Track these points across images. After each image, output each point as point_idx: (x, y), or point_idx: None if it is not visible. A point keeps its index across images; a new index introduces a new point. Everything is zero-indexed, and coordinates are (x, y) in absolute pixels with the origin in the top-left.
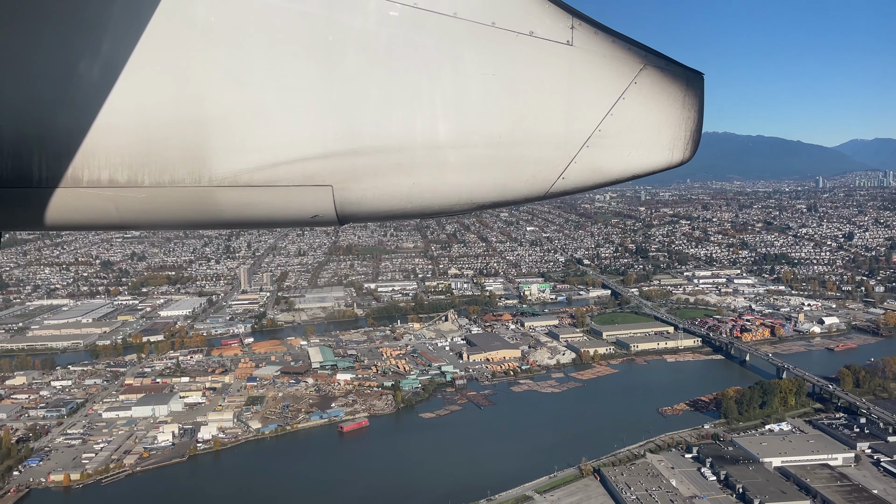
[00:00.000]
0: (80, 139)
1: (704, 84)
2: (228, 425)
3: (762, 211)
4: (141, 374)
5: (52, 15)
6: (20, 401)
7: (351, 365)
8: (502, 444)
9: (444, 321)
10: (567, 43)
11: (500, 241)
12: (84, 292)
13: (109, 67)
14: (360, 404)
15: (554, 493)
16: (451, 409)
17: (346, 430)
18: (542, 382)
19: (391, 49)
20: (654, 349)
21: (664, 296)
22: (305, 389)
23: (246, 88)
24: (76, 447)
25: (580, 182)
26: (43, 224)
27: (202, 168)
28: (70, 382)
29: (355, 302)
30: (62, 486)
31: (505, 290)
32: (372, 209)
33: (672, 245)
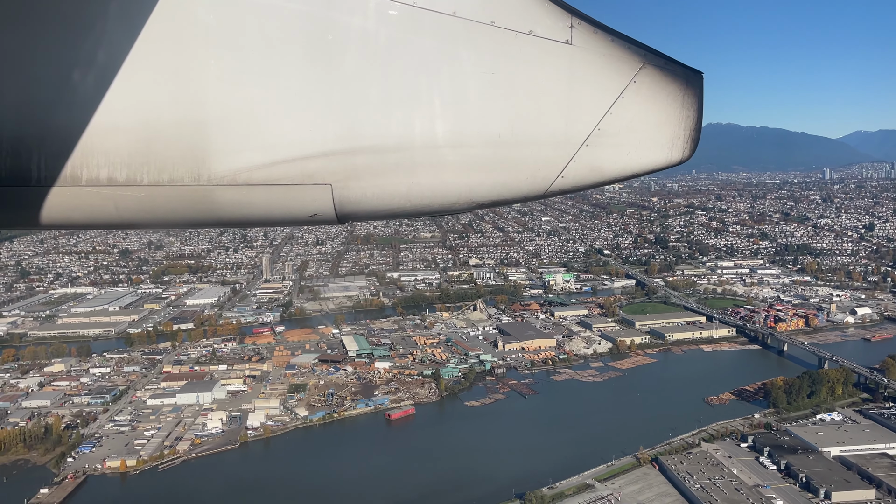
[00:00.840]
0: (79, 138)
1: (703, 83)
2: (275, 413)
3: (776, 202)
4: (177, 361)
5: (51, 15)
6: (62, 388)
7: (387, 353)
8: (552, 433)
9: (472, 310)
10: (566, 42)
11: (516, 231)
12: (106, 280)
13: (108, 67)
14: (404, 392)
15: (614, 481)
16: (495, 397)
17: (394, 418)
18: (581, 372)
19: (390, 48)
20: (689, 339)
21: (689, 286)
22: (346, 377)
23: (245, 87)
24: (126, 434)
25: (580, 181)
26: (42, 223)
27: (201, 167)
28: (108, 370)
29: (380, 291)
30: (118, 473)
31: (528, 279)
32: (371, 208)
33: (691, 235)
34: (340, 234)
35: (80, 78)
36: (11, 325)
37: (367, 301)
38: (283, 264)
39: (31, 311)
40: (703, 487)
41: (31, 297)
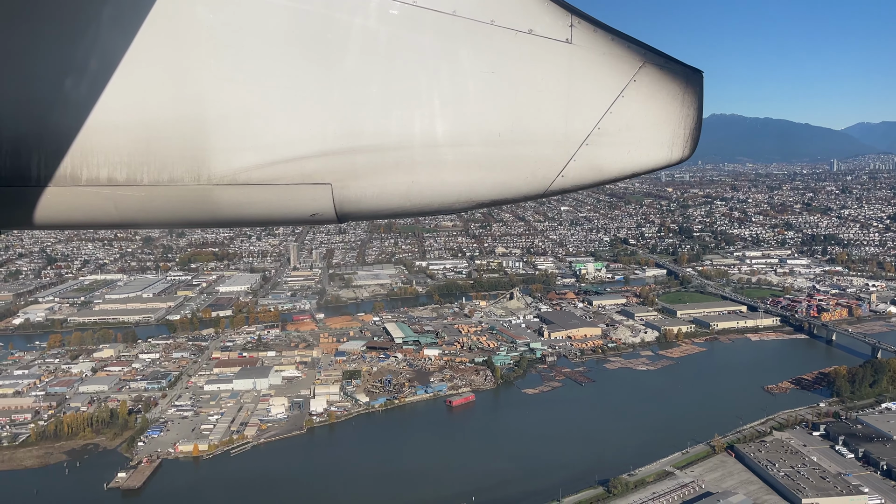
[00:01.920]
0: (79, 138)
1: (703, 82)
2: (335, 398)
3: (793, 192)
4: (224, 347)
5: (51, 14)
6: (115, 373)
7: (434, 341)
8: (617, 421)
9: (509, 299)
10: (566, 41)
11: (537, 220)
12: (134, 268)
13: (108, 66)
14: (460, 379)
15: (693, 468)
16: (552, 385)
17: (455, 405)
18: (632, 360)
19: (390, 47)
20: (734, 328)
21: (721, 275)
22: (397, 364)
23: (244, 87)
24: (190, 419)
25: (579, 180)
26: (42, 223)
27: (201, 166)
28: (157, 355)
29: (412, 280)
30: (191, 457)
31: (558, 269)
32: (371, 207)
33: (714, 225)
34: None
35: (80, 77)
36: (49, 311)
37: (401, 289)
38: (308, 252)
39: (66, 298)
40: (788, 475)
41: (62, 284)
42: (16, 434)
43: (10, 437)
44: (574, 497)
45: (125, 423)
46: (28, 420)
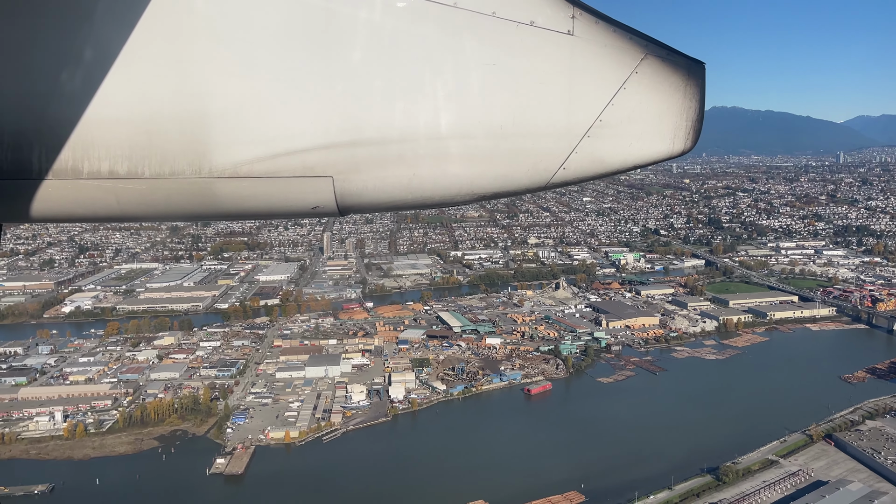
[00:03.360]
0: (80, 131)
1: (706, 74)
2: (412, 386)
3: (812, 184)
4: (282, 335)
5: (51, 7)
6: (180, 360)
7: (492, 330)
8: (703, 410)
9: (555, 289)
10: (568, 32)
11: (563, 211)
12: (167, 257)
13: (109, 59)
14: (531, 368)
15: (795, 457)
16: (624, 374)
17: (534, 393)
18: (698, 349)
19: (392, 39)
20: (791, 318)
21: (761, 266)
22: (462, 353)
23: (246, 80)
24: (270, 406)
25: (581, 172)
26: (44, 216)
27: (202, 159)
28: (218, 343)
29: (453, 269)
30: (283, 444)
31: (594, 258)
32: (372, 200)
33: (742, 216)
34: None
35: (81, 71)
36: (95, 300)
37: (444, 279)
38: (340, 242)
39: (107, 286)
40: None
41: (99, 273)
42: (101, 420)
43: (95, 424)
44: (685, 485)
45: (208, 409)
46: (108, 407)
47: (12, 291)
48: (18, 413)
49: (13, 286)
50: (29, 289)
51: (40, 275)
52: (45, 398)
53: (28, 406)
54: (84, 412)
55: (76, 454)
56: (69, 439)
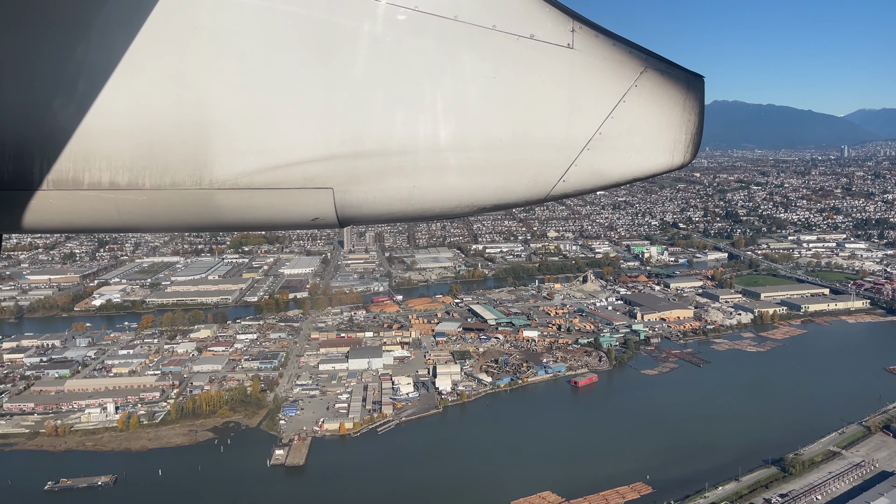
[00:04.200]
0: (81, 142)
1: (705, 87)
2: (457, 378)
3: (825, 178)
4: (317, 328)
5: (53, 18)
6: (219, 353)
7: (527, 322)
8: (755, 402)
9: (582, 282)
10: (567, 46)
11: (578, 204)
12: (188, 250)
13: (111, 70)
14: (574, 360)
15: (857, 448)
16: (668, 366)
17: (581, 385)
18: (737, 342)
19: (392, 52)
20: (825, 310)
21: (786, 259)
22: (501, 345)
23: (247, 91)
24: (318, 397)
25: (581, 185)
26: (44, 226)
27: (203, 171)
28: (254, 335)
29: (478, 263)
30: (338, 435)
31: (616, 252)
32: (372, 211)
33: (759, 210)
34: None
35: (82, 82)
36: (123, 293)
37: (468, 272)
38: (358, 236)
39: (132, 279)
40: None
41: (122, 266)
42: (152, 412)
43: (148, 416)
44: (751, 476)
45: (258, 401)
46: (157, 399)
47: (38, 284)
48: (68, 405)
49: (38, 279)
50: (54, 282)
51: (63, 268)
52: (92, 390)
53: (76, 398)
54: (133, 404)
55: (133, 445)
56: (123, 431)
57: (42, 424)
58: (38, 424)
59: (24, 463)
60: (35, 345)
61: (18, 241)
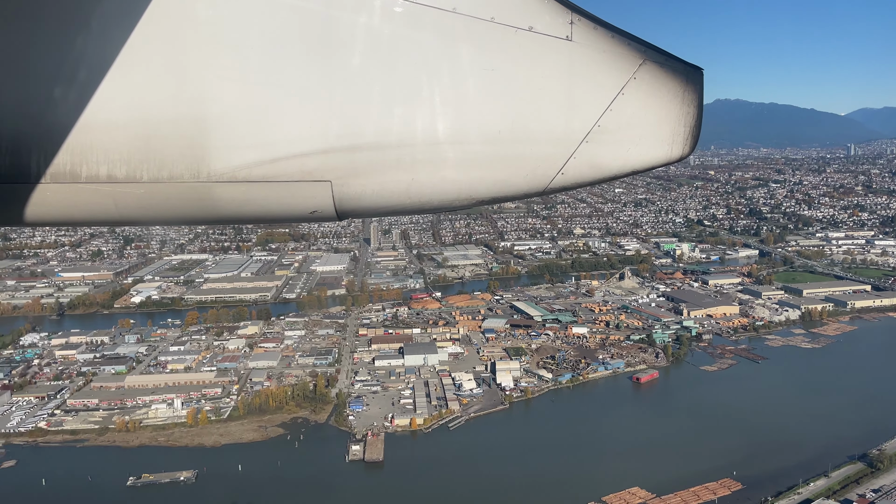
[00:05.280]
0: (78, 135)
1: (703, 80)
2: (517, 374)
3: (840, 175)
4: (363, 324)
5: (50, 11)
6: (270, 349)
7: (573, 319)
8: (826, 397)
9: (619, 279)
10: (566, 38)
11: (598, 202)
12: (215, 248)
13: (108, 64)
14: (630, 357)
15: None
16: (726, 363)
17: (643, 381)
18: (790, 338)
19: (391, 45)
20: (872, 307)
21: (819, 256)
22: (551, 342)
23: (244, 84)
24: (381, 393)
25: (579, 178)
26: (42, 219)
27: (201, 164)
28: (302, 332)
29: (510, 260)
30: (408, 430)
31: (645, 249)
32: (371, 204)
33: (782, 207)
34: None
35: (80, 75)
36: (159, 290)
37: (502, 269)
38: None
39: (165, 277)
40: None
41: (153, 264)
42: (218, 408)
43: (214, 411)
44: (840, 472)
45: (322, 396)
46: (218, 395)
47: (72, 282)
48: (131, 401)
49: (72, 276)
50: (88, 279)
51: (94, 265)
52: (152, 386)
53: (138, 394)
54: (197, 400)
55: (206, 441)
56: (192, 426)
57: (109, 420)
58: (105, 420)
59: (100, 458)
60: (85, 341)
61: (43, 240)
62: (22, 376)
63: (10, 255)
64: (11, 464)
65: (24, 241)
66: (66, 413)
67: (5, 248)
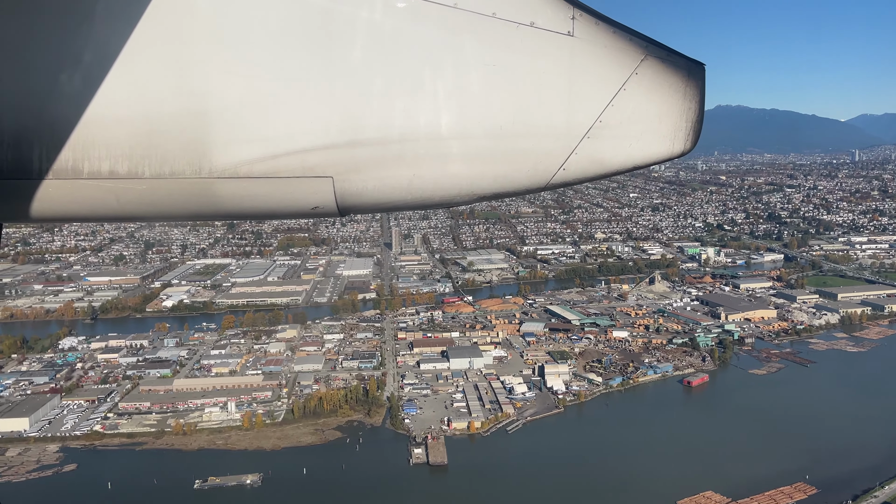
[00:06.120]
0: (80, 131)
1: (705, 75)
2: (567, 378)
3: (853, 180)
4: (400, 328)
5: (52, 7)
6: (312, 353)
7: (611, 323)
8: (881, 401)
9: (649, 283)
10: (568, 33)
11: (615, 206)
12: (237, 252)
13: (110, 59)
14: (677, 360)
15: None
16: (775, 366)
17: (694, 385)
18: (833, 342)
19: (393, 40)
20: None
21: (846, 260)
22: (593, 346)
23: (246, 79)
24: (431, 396)
25: (581, 173)
26: (43, 215)
27: (202, 159)
28: (341, 335)
29: (537, 264)
30: (467, 434)
31: (670, 254)
32: (372, 200)
33: (800, 212)
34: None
35: (81, 70)
36: (189, 294)
37: (529, 273)
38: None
39: (192, 281)
40: None
41: (178, 268)
42: (272, 411)
43: (268, 414)
44: None
45: (375, 399)
46: (269, 398)
47: (100, 286)
48: (182, 404)
49: (99, 281)
50: (115, 283)
51: (118, 270)
52: (200, 389)
53: (188, 397)
54: (248, 403)
55: (264, 444)
56: (249, 430)
57: (163, 423)
58: (160, 423)
59: (160, 462)
60: (124, 345)
61: (63, 244)
62: (67, 380)
63: (31, 260)
64: (73, 467)
65: (45, 246)
66: (119, 416)
67: (26, 252)
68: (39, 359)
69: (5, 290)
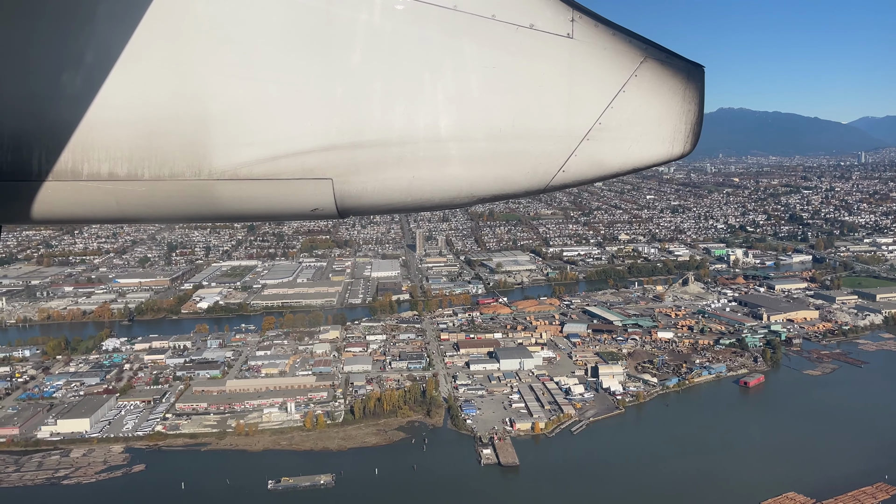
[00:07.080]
0: (80, 133)
1: (705, 77)
2: (622, 379)
3: (868, 182)
4: (441, 329)
5: (52, 9)
6: (359, 353)
7: (654, 324)
8: None
9: (683, 284)
10: (567, 36)
11: (633, 208)
12: (262, 254)
13: (109, 62)
14: (730, 361)
15: None
16: (829, 367)
17: (751, 385)
18: (882, 343)
19: (392, 42)
20: None
21: (877, 261)
22: (640, 346)
23: (246, 82)
24: (486, 397)
25: (580, 175)
26: (43, 217)
27: (202, 161)
28: (384, 336)
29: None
30: (531, 434)
31: (698, 255)
32: (372, 202)
33: (821, 213)
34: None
35: (81, 73)
36: (221, 296)
37: (560, 274)
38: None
39: (221, 283)
40: None
41: (206, 270)
42: (331, 412)
43: (328, 415)
44: None
45: (432, 399)
46: (324, 399)
47: (130, 288)
48: (239, 405)
49: (129, 283)
50: (145, 285)
51: (146, 272)
52: (253, 390)
53: (242, 398)
54: (305, 404)
55: (329, 445)
56: (311, 430)
57: (223, 424)
58: (219, 424)
59: (228, 462)
60: (169, 346)
61: (86, 247)
62: (118, 381)
63: (56, 263)
64: (141, 468)
65: (67, 249)
66: (178, 417)
67: (49, 255)
68: (85, 360)
69: (36, 293)
